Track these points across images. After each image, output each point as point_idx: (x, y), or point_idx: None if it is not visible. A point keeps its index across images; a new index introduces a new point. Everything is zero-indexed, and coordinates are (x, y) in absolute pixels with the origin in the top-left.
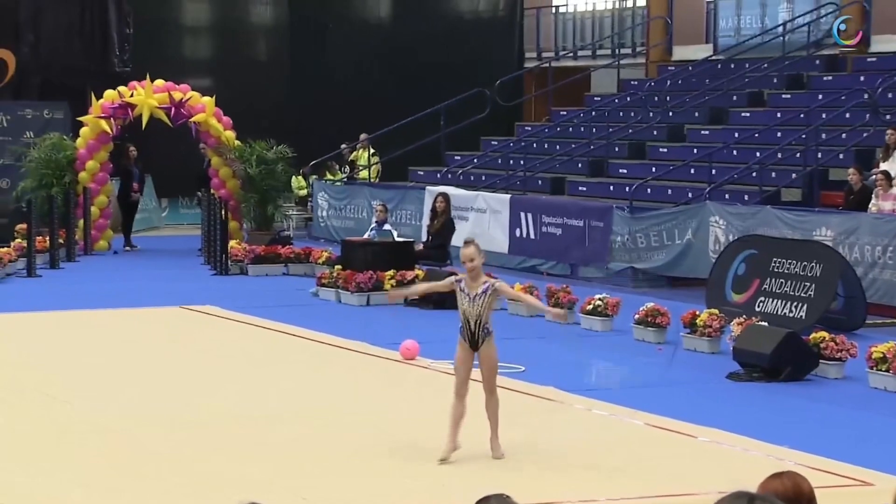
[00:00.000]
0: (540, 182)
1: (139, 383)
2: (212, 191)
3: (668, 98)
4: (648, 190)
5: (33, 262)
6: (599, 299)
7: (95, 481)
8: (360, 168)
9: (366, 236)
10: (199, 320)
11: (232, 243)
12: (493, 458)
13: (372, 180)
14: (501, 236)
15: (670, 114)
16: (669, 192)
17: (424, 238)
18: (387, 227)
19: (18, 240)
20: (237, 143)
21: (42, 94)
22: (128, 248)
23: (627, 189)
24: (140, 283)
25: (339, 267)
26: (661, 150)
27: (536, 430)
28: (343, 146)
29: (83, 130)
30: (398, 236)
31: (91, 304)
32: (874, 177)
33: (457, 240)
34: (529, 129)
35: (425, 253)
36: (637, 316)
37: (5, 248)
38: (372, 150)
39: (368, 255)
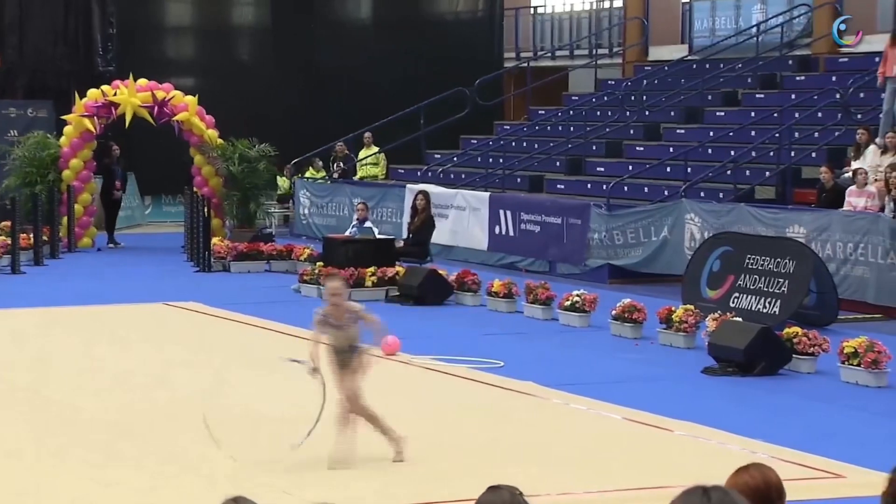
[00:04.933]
0: (519, 180)
1: (123, 379)
2: (194, 188)
3: (644, 97)
4: (625, 188)
5: (17, 259)
6: (577, 295)
7: (87, 475)
8: (365, 164)
9: (347, 234)
10: (182, 317)
11: (215, 240)
12: (331, 465)
13: (379, 176)
14: (481, 234)
15: (647, 113)
16: (646, 189)
17: (405, 235)
18: (368, 224)
19: (2, 237)
20: (220, 141)
21: (27, 93)
22: (111, 245)
23: (605, 187)
24: (124, 280)
25: (321, 264)
26: (637, 148)
27: (515, 425)
28: (339, 144)
29: (67, 129)
30: (379, 234)
31: (75, 300)
32: (847, 174)
33: (437, 237)
34: (508, 128)
35: (406, 250)
36: (614, 312)
37: None
38: (376, 147)
39: (350, 253)
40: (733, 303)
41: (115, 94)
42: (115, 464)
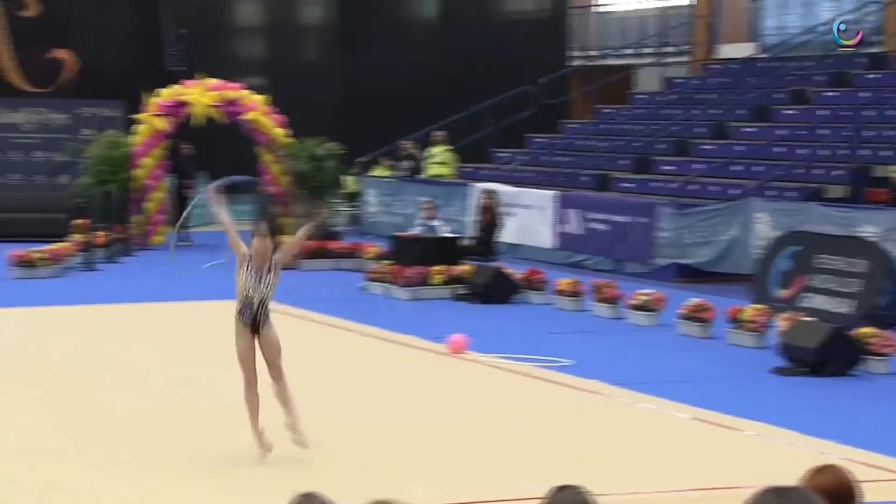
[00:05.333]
0: (585, 179)
1: (193, 376)
2: (263, 188)
3: (712, 96)
4: (693, 187)
5: (92, 256)
6: (645, 294)
7: (153, 473)
8: (434, 162)
9: (413, 232)
10: None
11: (284, 238)
12: (296, 443)
13: (449, 175)
14: (546, 232)
15: (715, 111)
16: (714, 188)
17: (472, 234)
18: (435, 223)
19: (76, 235)
20: (288, 140)
21: (100, 93)
22: (183, 242)
23: (672, 186)
24: (195, 277)
25: (388, 262)
26: (705, 147)
27: (583, 424)
28: (405, 143)
29: (139, 128)
30: (445, 232)
31: (147, 297)
32: None
33: (503, 236)
34: (574, 126)
35: (472, 248)
36: (682, 311)
37: (65, 243)
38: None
39: (417, 251)
40: (803, 302)
41: (185, 94)
42: (186, 463)
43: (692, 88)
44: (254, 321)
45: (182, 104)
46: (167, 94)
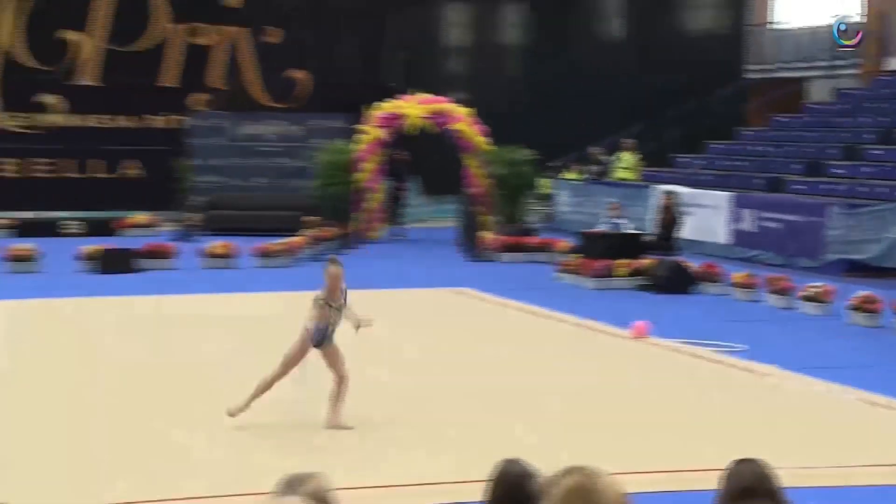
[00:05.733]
0: (759, 181)
1: (410, 359)
2: (467, 189)
3: (881, 105)
4: (862, 188)
5: (322, 248)
6: (816, 287)
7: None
8: (622, 167)
9: (600, 229)
10: (456, 300)
11: (485, 234)
12: (332, 426)
13: (633, 178)
14: (722, 229)
15: (883, 119)
16: (881, 190)
17: (653, 231)
18: (620, 220)
19: (309, 229)
20: (490, 147)
21: (329, 107)
22: (398, 237)
23: (841, 188)
24: (408, 267)
25: (578, 255)
26: (873, 152)
27: (757, 403)
28: (594, 149)
29: (361, 137)
30: (629, 229)
31: (367, 285)
32: None
33: (682, 232)
34: (750, 133)
35: (654, 244)
36: (850, 303)
37: (299, 237)
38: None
39: (604, 246)
40: None
41: (401, 107)
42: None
43: (861, 98)
44: (318, 343)
45: (398, 116)
46: (386, 108)
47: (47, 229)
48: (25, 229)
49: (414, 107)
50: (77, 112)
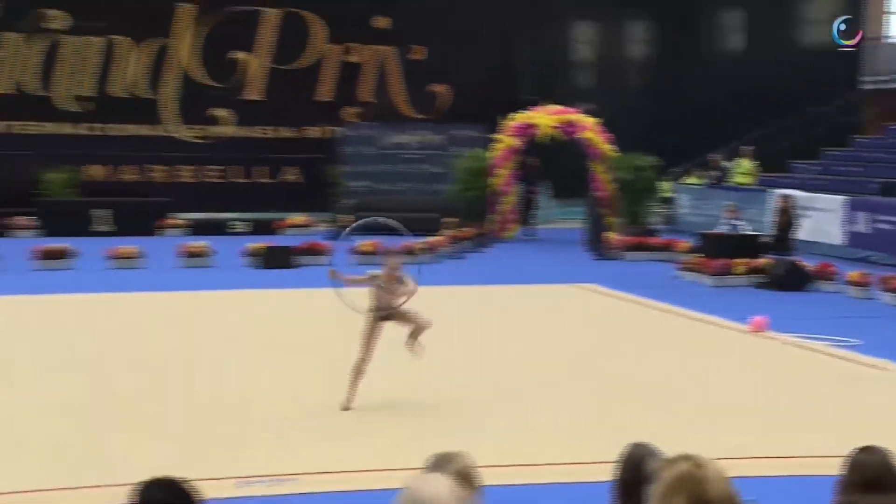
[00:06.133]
0: (873, 186)
1: (537, 347)
2: (594, 192)
3: None
4: None
5: (460, 247)
6: None
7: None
8: (740, 173)
9: (719, 230)
10: (582, 295)
11: (610, 234)
12: (408, 346)
13: (750, 184)
14: (837, 231)
15: None
16: None
17: (770, 232)
18: (738, 222)
19: (448, 230)
20: (615, 154)
21: (467, 117)
22: (529, 237)
23: None
24: (538, 265)
25: (697, 255)
26: None
27: (871, 394)
28: (713, 156)
29: (496, 145)
30: (746, 231)
31: (501, 280)
32: None
33: (798, 234)
34: (864, 141)
35: (770, 244)
36: None
37: (440, 236)
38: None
39: (722, 246)
40: None
41: (534, 118)
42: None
43: None
44: (386, 317)
45: (530, 126)
46: (519, 118)
47: (217, 228)
48: (199, 228)
49: (545, 117)
50: (244, 124)
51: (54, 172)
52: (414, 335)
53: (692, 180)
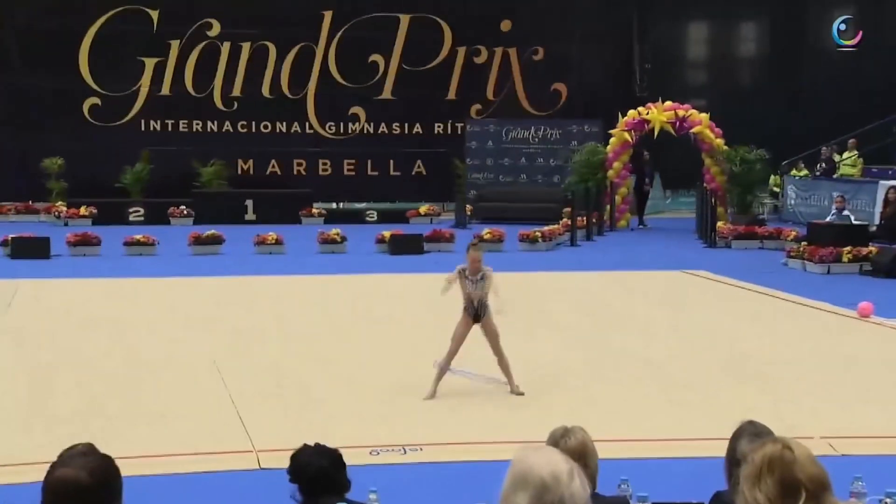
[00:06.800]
0: None
1: (651, 330)
2: (704, 184)
3: None
4: None
5: (575, 235)
6: None
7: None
8: (847, 165)
9: (827, 220)
10: (692, 281)
11: (719, 224)
12: (514, 393)
13: (855, 175)
14: None
15: None
16: None
17: (877, 222)
18: (845, 213)
19: (564, 219)
20: (725, 148)
21: (584, 113)
22: (641, 226)
23: None
24: (650, 252)
25: (805, 243)
26: None
27: None
28: (824, 147)
29: (612, 140)
30: (854, 220)
31: (616, 266)
32: None
33: None
34: None
35: (878, 234)
36: None
37: (556, 226)
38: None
39: (829, 235)
40: None
41: (647, 113)
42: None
43: None
44: (475, 314)
45: (645, 121)
46: (633, 114)
47: (355, 217)
48: (337, 217)
49: (659, 113)
50: (377, 121)
51: (208, 166)
52: (506, 372)
53: (801, 172)
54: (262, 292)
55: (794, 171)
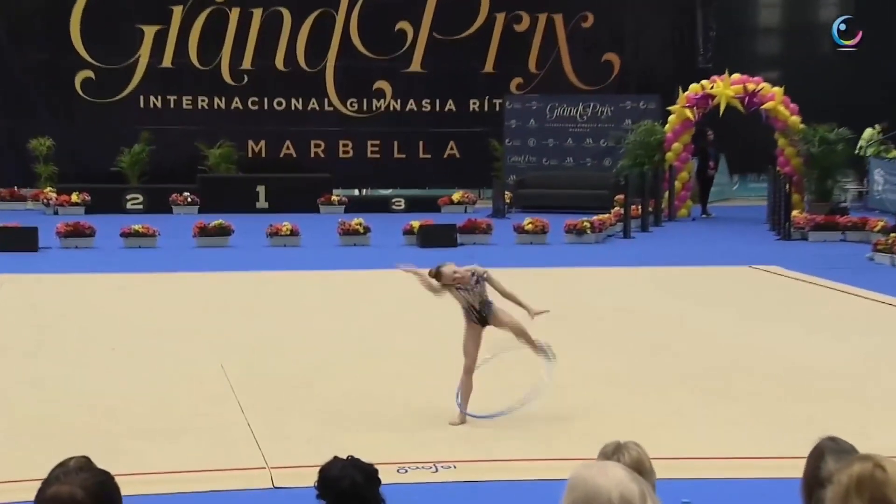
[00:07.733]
0: None
1: (709, 335)
2: (777, 167)
3: None
4: None
5: (629, 226)
6: None
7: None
8: None
9: None
10: (762, 278)
11: (795, 212)
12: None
13: None
14: None
15: None
16: None
17: None
18: None
19: (616, 208)
20: (802, 126)
21: (639, 88)
22: (704, 215)
23: None
24: (714, 245)
25: (894, 235)
26: None
27: None
28: None
29: (671, 118)
30: None
31: (674, 262)
32: None
33: None
34: None
35: None
36: None
37: (606, 215)
38: None
39: None
40: None
41: (711, 88)
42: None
43: None
44: (480, 318)
45: (709, 97)
46: (696, 89)
47: (378, 205)
48: (360, 205)
49: (725, 87)
50: (405, 97)
51: (215, 148)
52: (528, 343)
53: (890, 154)
54: (276, 290)
55: (883, 153)
